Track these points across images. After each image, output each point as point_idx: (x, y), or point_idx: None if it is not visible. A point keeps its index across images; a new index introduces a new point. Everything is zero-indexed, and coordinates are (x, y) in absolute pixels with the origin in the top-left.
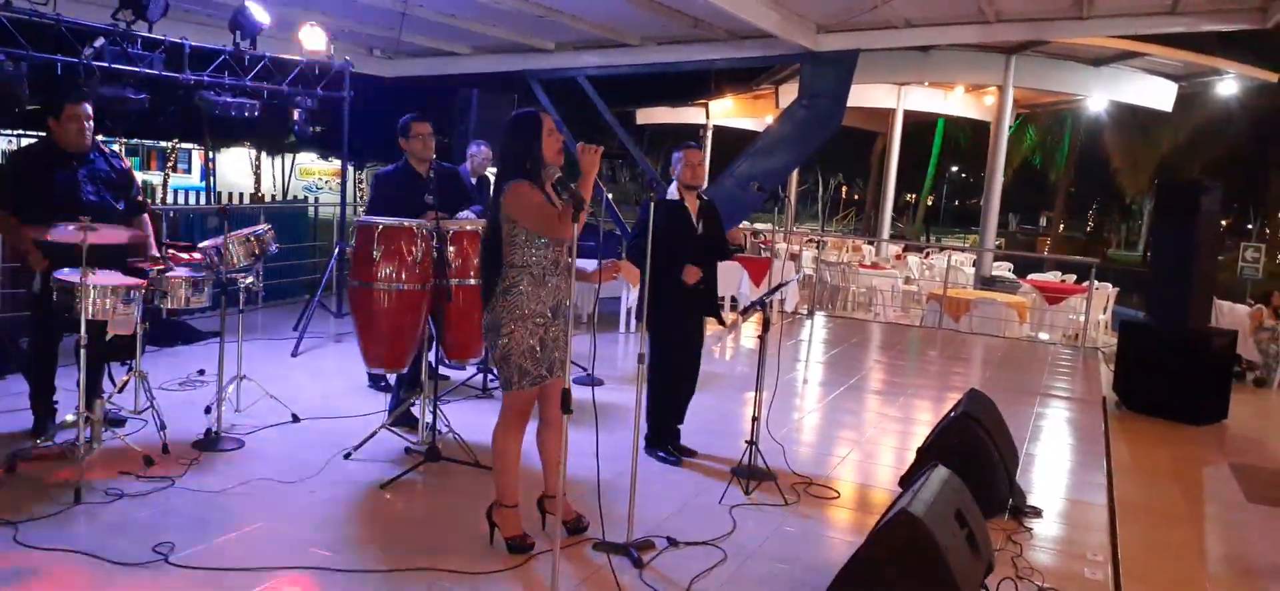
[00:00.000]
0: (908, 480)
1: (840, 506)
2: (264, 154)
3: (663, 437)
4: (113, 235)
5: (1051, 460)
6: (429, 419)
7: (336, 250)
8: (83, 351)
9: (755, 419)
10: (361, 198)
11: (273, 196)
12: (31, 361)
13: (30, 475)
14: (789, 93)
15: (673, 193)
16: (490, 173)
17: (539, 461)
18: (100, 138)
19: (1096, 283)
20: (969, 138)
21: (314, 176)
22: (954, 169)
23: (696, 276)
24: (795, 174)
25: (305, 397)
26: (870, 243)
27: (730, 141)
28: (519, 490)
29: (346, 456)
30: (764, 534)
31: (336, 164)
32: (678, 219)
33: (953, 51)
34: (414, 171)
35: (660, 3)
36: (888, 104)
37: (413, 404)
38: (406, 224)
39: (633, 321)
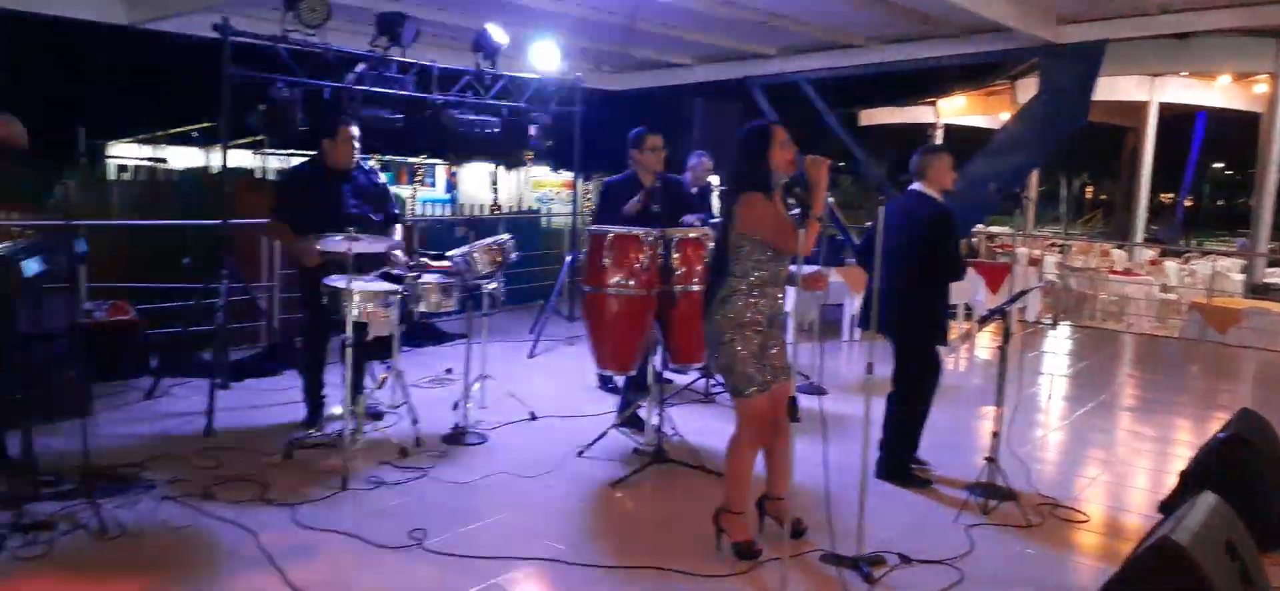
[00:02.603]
0: (1169, 506)
1: (1089, 531)
2: (501, 168)
3: (904, 465)
4: (373, 245)
5: None
6: (655, 421)
7: (569, 258)
8: (348, 350)
9: (995, 434)
10: (588, 207)
11: (509, 208)
12: (305, 359)
13: (304, 461)
14: (1027, 88)
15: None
16: (712, 180)
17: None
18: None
19: None
20: (1235, 131)
21: (546, 188)
22: (1218, 165)
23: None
24: (1035, 174)
25: (541, 397)
26: (1120, 247)
27: (963, 141)
28: (749, 498)
29: (580, 454)
30: (1003, 556)
31: (566, 176)
32: (951, 226)
33: (1215, 38)
34: (641, 182)
35: (888, 1)
36: (1139, 97)
37: (640, 406)
38: (634, 232)
39: (856, 329)
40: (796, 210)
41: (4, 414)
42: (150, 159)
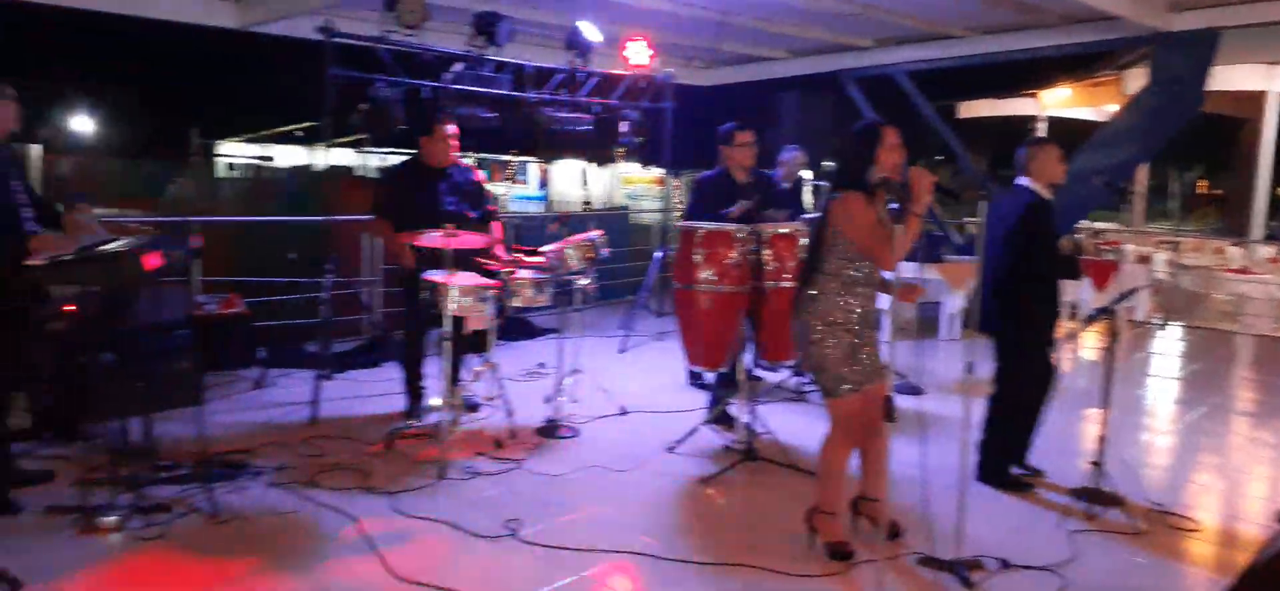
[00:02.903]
0: None
1: (1201, 540)
2: (592, 165)
3: (1002, 468)
4: (470, 241)
5: None
6: (746, 419)
7: (658, 254)
8: (446, 343)
9: (1101, 438)
10: (678, 204)
11: (600, 205)
12: (404, 352)
13: (404, 451)
14: (1135, 78)
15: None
16: (804, 175)
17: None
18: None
19: None
20: None
21: (635, 185)
22: None
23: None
24: (1144, 168)
25: (631, 392)
26: (1237, 243)
27: (1067, 133)
28: (843, 498)
29: (670, 450)
30: (1109, 564)
31: (655, 172)
32: (1046, 220)
33: None
34: (732, 177)
35: None
36: (1259, 86)
37: (730, 403)
38: (725, 228)
39: (956, 328)
40: (894, 207)
41: (125, 401)
42: (258, 158)
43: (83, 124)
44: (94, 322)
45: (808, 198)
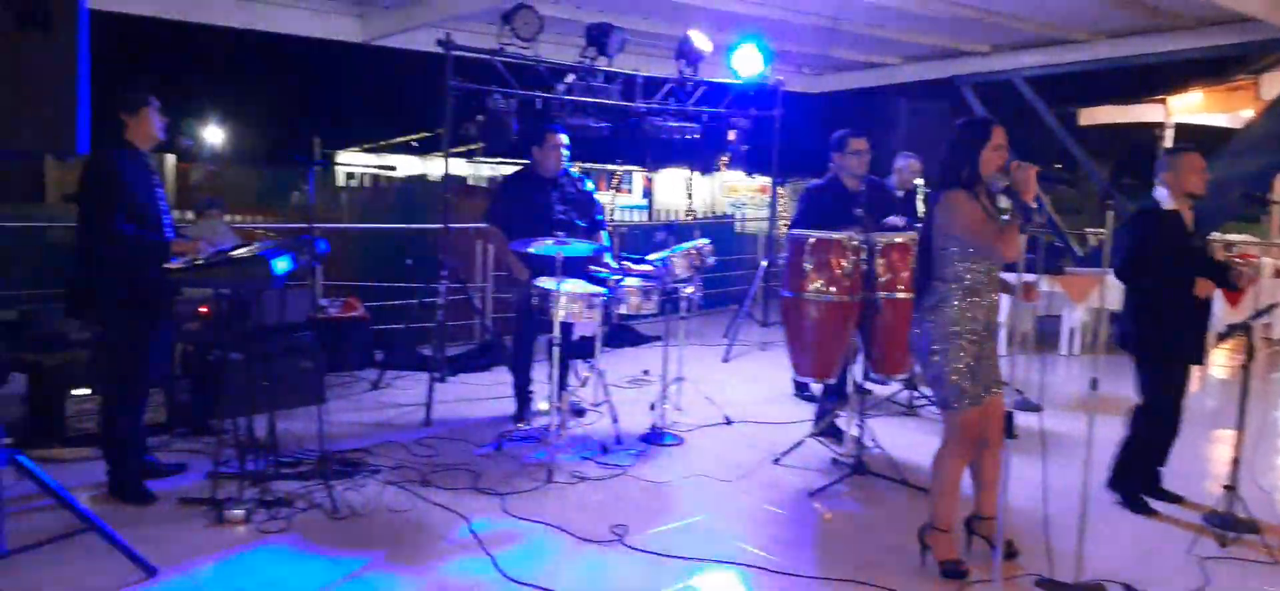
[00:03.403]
0: None
1: None
2: (696, 173)
3: (1136, 489)
4: (580, 249)
5: None
6: (855, 432)
7: (764, 263)
8: (555, 349)
9: (1235, 461)
10: (784, 215)
11: (704, 213)
12: (514, 357)
13: (513, 453)
14: (1273, 83)
15: (1166, 201)
16: (919, 183)
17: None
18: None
19: None
20: None
21: (739, 193)
22: None
23: (1210, 289)
24: None
25: (736, 401)
26: None
27: (1198, 141)
28: (956, 515)
29: (776, 461)
30: None
31: (760, 181)
32: (1176, 232)
33: None
34: (843, 186)
35: None
36: None
37: (838, 416)
38: (836, 236)
39: (1076, 343)
40: (1007, 210)
41: (252, 398)
42: (379, 167)
43: (213, 134)
44: (225, 323)
45: (922, 206)
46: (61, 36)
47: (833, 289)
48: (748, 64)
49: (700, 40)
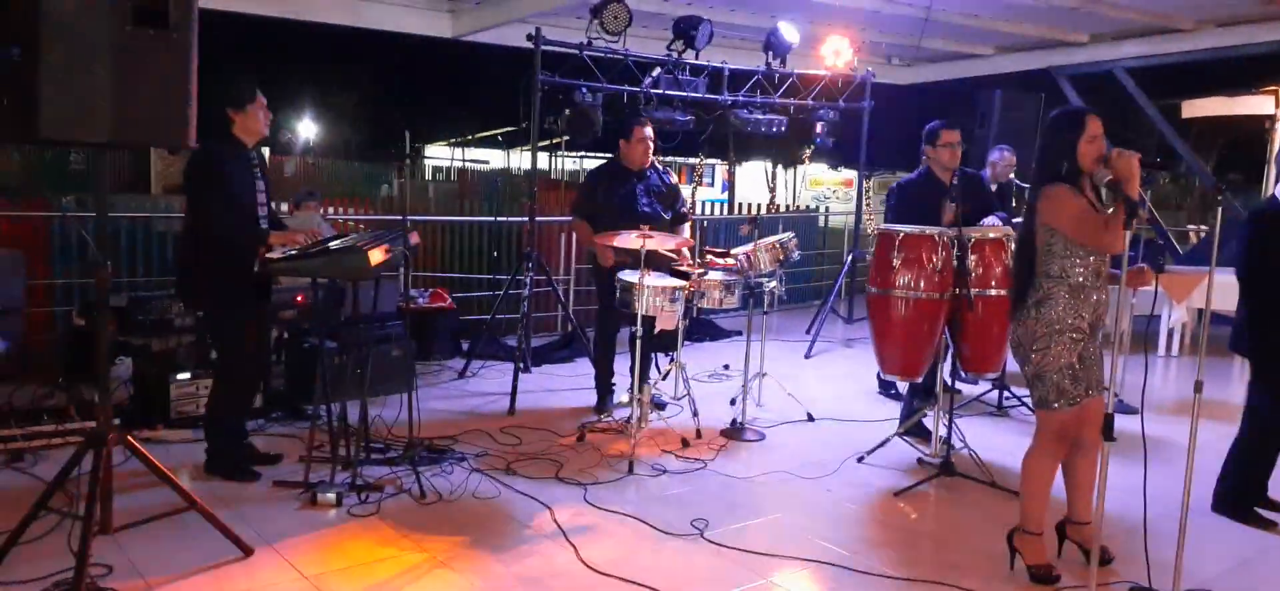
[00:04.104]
0: None
1: None
2: (779, 166)
3: (1246, 499)
4: (663, 242)
5: None
6: (943, 432)
7: (850, 257)
8: (637, 342)
9: None
10: (869, 208)
11: (787, 206)
12: (596, 348)
13: (595, 444)
14: None
15: None
16: (1014, 176)
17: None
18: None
19: None
20: None
21: (822, 186)
22: None
23: None
24: None
25: (818, 398)
26: None
27: None
28: (1047, 518)
29: (860, 460)
30: None
31: (844, 174)
32: None
33: None
34: (936, 179)
35: None
36: None
37: (925, 415)
38: (928, 231)
39: (1175, 345)
40: (1112, 205)
41: (345, 386)
42: (470, 161)
43: (307, 127)
44: (320, 312)
45: (1017, 201)
46: (177, 34)
47: (923, 285)
48: (837, 55)
49: (789, 32)
